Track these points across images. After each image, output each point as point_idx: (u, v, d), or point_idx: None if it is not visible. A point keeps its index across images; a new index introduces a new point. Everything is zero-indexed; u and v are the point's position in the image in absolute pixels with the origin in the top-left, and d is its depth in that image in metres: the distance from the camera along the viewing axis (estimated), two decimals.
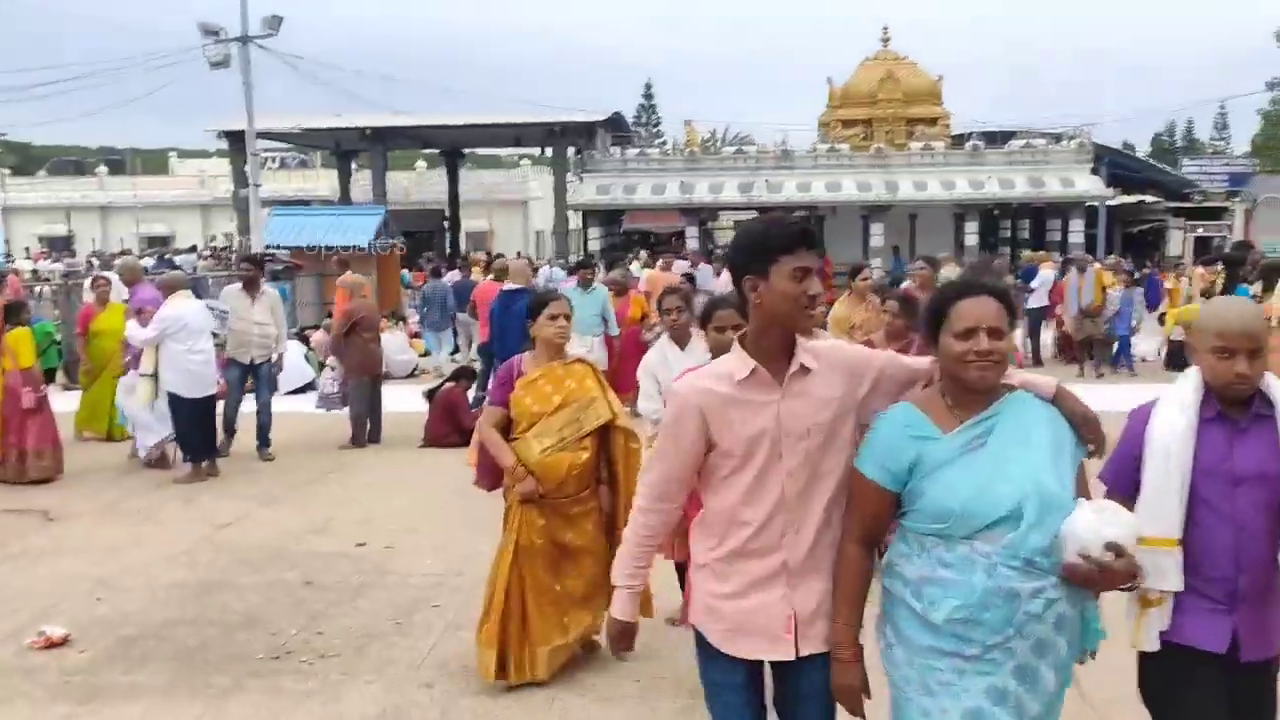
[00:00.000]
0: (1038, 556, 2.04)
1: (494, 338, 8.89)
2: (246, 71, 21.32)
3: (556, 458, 3.86)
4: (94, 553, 6.06)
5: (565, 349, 4.04)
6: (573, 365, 3.99)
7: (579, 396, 3.89)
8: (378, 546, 6.09)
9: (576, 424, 3.86)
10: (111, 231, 47.17)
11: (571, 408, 3.88)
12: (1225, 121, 76.25)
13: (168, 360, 7.75)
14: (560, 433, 3.85)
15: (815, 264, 2.20)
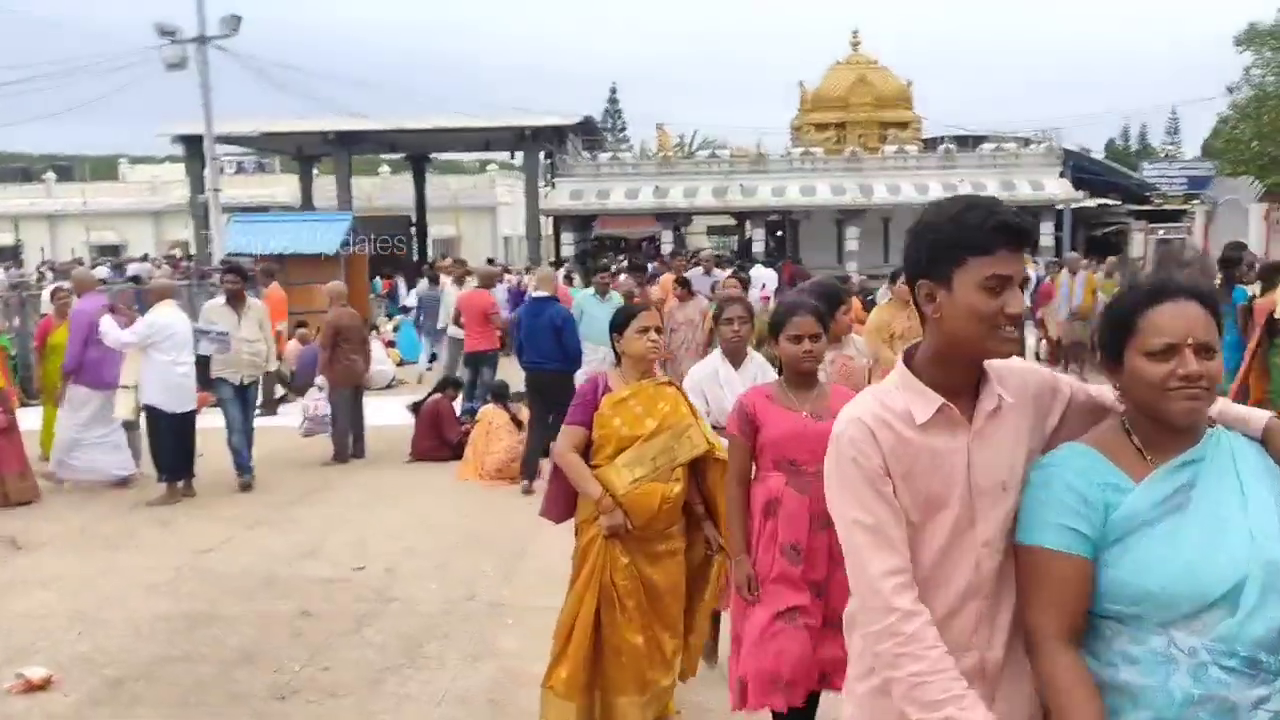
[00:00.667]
0: (1262, 653, 1.54)
1: (520, 346, 8.27)
2: (204, 73, 20.70)
3: (648, 489, 3.39)
4: (68, 584, 5.62)
5: (655, 367, 3.64)
6: (664, 387, 3.54)
7: (674, 422, 3.46)
8: (376, 570, 5.72)
9: (670, 453, 3.42)
10: (60, 240, 45.81)
11: (666, 434, 3.43)
12: (1177, 126, 78.07)
13: (151, 372, 7.28)
14: (654, 461, 3.39)
15: (1018, 271, 1.68)
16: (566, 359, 7.87)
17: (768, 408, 3.11)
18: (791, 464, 3.03)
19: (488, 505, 7.24)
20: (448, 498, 7.53)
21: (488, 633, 4.71)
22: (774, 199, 28.77)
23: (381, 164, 48.42)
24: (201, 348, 7.59)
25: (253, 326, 8.03)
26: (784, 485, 3.03)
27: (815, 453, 2.80)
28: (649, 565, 3.46)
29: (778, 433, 3.05)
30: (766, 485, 3.08)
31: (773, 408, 3.11)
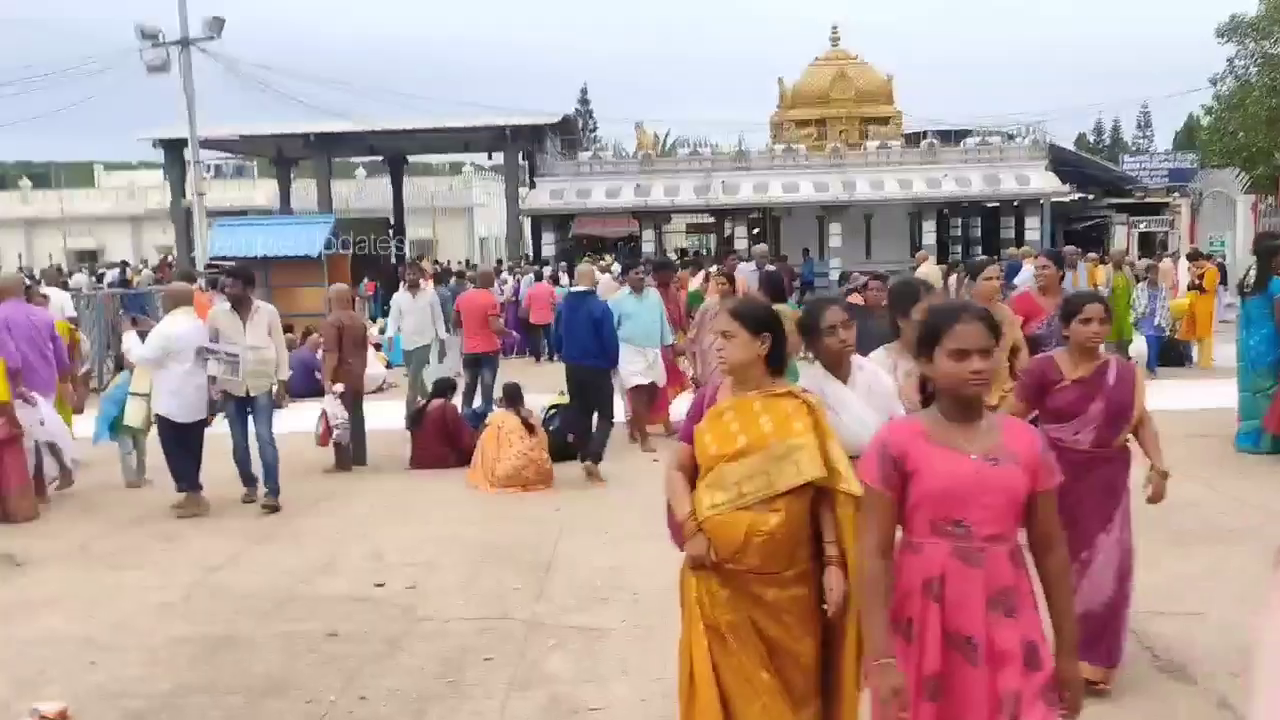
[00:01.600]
0: None
1: (561, 342, 8.56)
2: (188, 76, 20.34)
3: (731, 518, 2.84)
4: (74, 605, 5.35)
5: (734, 371, 3.05)
6: (780, 399, 2.92)
7: (774, 441, 2.85)
8: (398, 587, 5.49)
9: (764, 478, 2.83)
10: (38, 247, 45.03)
11: (759, 455, 2.85)
12: (1149, 120, 78.89)
13: (164, 381, 7.00)
14: (738, 486, 2.85)
15: None
16: (604, 354, 8.01)
17: (923, 449, 2.38)
18: (957, 526, 2.34)
19: (504, 515, 7.02)
20: (461, 508, 7.31)
21: (530, 654, 4.49)
22: (756, 196, 28.73)
23: (357, 167, 47.96)
24: (210, 367, 7.12)
25: (260, 333, 7.38)
26: (948, 556, 2.35)
27: (991, 510, 2.32)
28: (756, 609, 2.90)
29: (939, 484, 2.34)
30: (923, 557, 2.38)
31: (930, 449, 2.38)
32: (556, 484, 7.88)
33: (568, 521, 6.77)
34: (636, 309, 8.98)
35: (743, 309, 3.01)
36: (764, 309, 3.04)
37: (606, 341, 8.02)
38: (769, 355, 2.94)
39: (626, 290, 9.37)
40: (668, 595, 5.22)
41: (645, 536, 6.31)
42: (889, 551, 2.43)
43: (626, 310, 8.92)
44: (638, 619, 4.89)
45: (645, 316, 8.97)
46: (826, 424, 2.93)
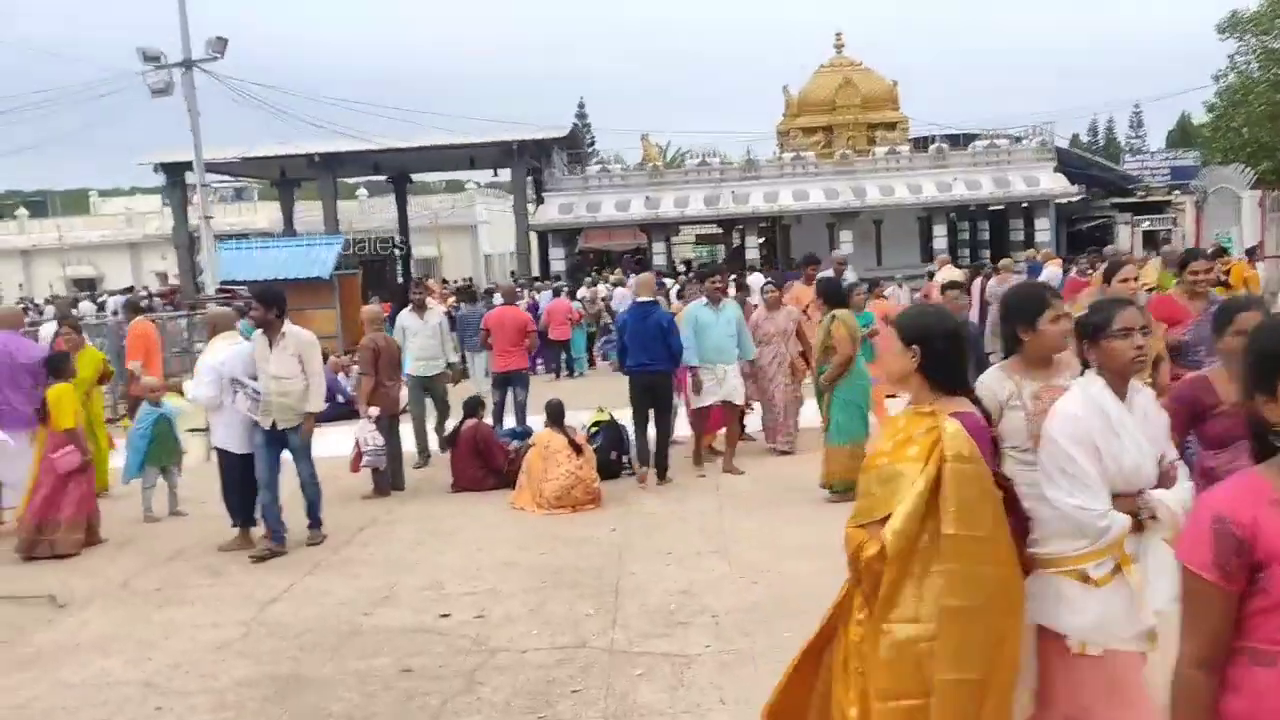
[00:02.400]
0: None
1: (626, 351, 8.49)
2: (191, 97, 20.16)
3: (850, 532, 2.70)
4: (127, 647, 5.11)
5: (892, 381, 2.90)
6: (919, 417, 2.68)
7: (885, 462, 2.66)
8: (464, 617, 5.25)
9: (871, 499, 2.67)
10: (37, 276, 44.87)
11: (871, 474, 2.69)
12: (1141, 120, 79.07)
13: (220, 413, 6.75)
14: (859, 502, 2.73)
15: None
16: (671, 359, 8.25)
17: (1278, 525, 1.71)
18: None
19: (558, 537, 6.79)
20: (511, 530, 7.08)
21: (618, 685, 4.26)
22: (766, 205, 28.58)
23: (359, 188, 47.86)
24: (238, 402, 6.73)
25: (286, 361, 6.74)
26: None
27: None
28: (856, 628, 2.69)
29: None
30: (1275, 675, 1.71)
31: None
32: (605, 503, 7.66)
33: (625, 542, 6.55)
34: (712, 322, 8.31)
35: (899, 318, 2.82)
36: (916, 319, 2.80)
37: (673, 348, 8.15)
38: (928, 367, 2.70)
39: (702, 301, 8.55)
40: (749, 617, 5.04)
41: (710, 555, 6.13)
42: (1217, 664, 1.80)
43: (702, 323, 8.29)
44: (724, 643, 4.66)
45: (720, 330, 8.29)
46: (950, 454, 2.56)
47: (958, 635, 2.51)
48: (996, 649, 2.53)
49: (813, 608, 4.99)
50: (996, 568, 2.54)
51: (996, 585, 2.53)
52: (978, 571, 2.53)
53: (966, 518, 2.53)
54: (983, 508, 2.55)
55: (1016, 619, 2.58)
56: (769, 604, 5.15)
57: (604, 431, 8.78)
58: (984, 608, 2.51)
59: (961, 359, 2.72)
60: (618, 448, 8.75)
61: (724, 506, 7.38)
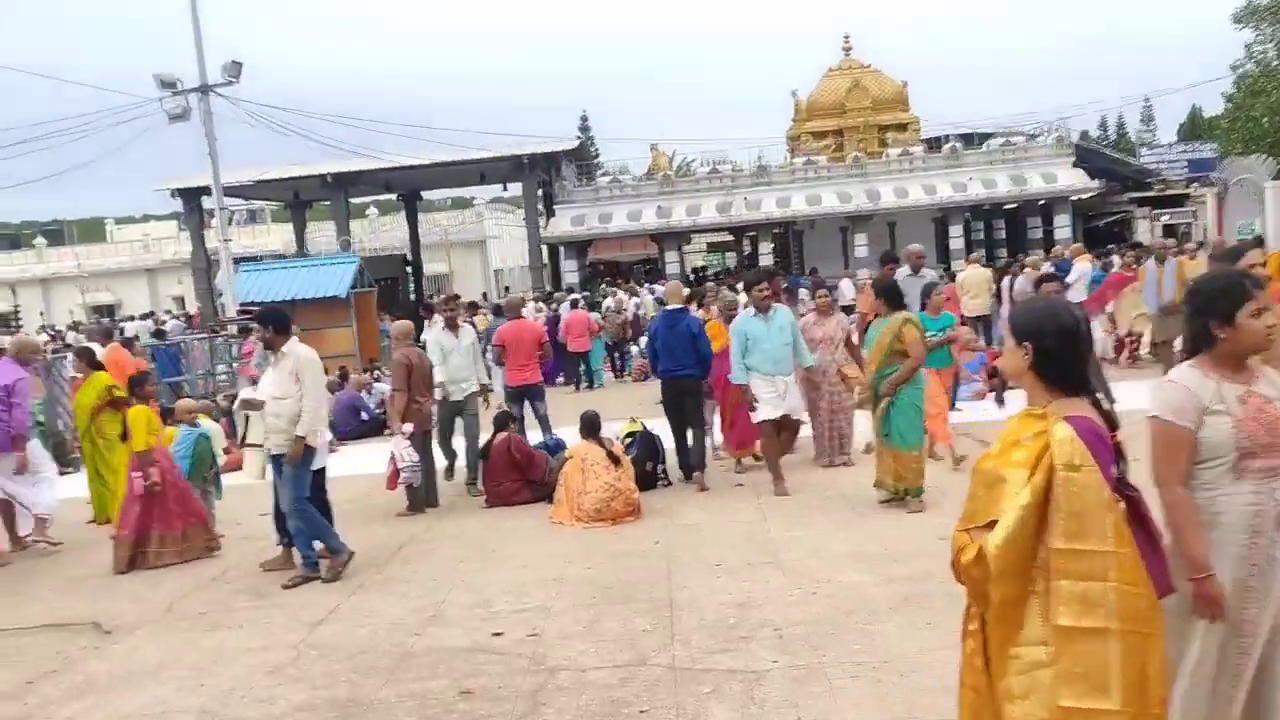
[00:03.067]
0: None
1: (657, 357, 8.66)
2: (209, 122, 20.28)
3: (955, 536, 2.58)
4: (179, 672, 5.04)
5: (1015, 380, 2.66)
6: (1030, 419, 2.52)
7: (992, 466, 2.52)
8: (518, 635, 5.15)
9: (975, 503, 2.53)
10: (56, 303, 45.25)
11: (977, 477, 2.54)
12: (1151, 115, 78.70)
13: None
14: (965, 506, 2.59)
15: None
16: (702, 364, 8.37)
17: None
18: None
19: (602, 551, 6.69)
20: (553, 545, 6.98)
21: (688, 705, 4.15)
22: (779, 210, 28.48)
23: (368, 207, 48.06)
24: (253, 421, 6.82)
25: (283, 380, 6.48)
26: None
27: None
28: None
29: None
30: None
31: None
32: (644, 514, 7.56)
33: (671, 554, 6.44)
34: (763, 333, 7.80)
35: (1014, 314, 2.66)
36: (1027, 313, 2.63)
37: (703, 353, 8.35)
38: (1040, 366, 2.53)
39: (750, 312, 8.01)
40: (814, 630, 4.92)
41: (762, 565, 6.02)
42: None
43: (753, 334, 7.80)
44: (791, 658, 4.55)
45: (774, 340, 7.81)
46: (1060, 462, 2.41)
47: (1076, 658, 2.34)
48: (1139, 676, 2.34)
49: (880, 620, 4.92)
50: (1120, 586, 2.35)
51: (1122, 605, 2.35)
52: (1094, 589, 2.36)
53: (1077, 530, 2.38)
54: (1098, 519, 2.38)
55: (1155, 642, 2.39)
56: (832, 616, 5.03)
57: (638, 442, 8.68)
58: (1108, 630, 2.34)
59: (1078, 358, 2.54)
60: (653, 458, 8.65)
61: (767, 516, 7.26)
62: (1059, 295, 6.90)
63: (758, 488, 8.10)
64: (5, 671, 5.28)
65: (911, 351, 7.03)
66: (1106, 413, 2.57)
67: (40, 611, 6.33)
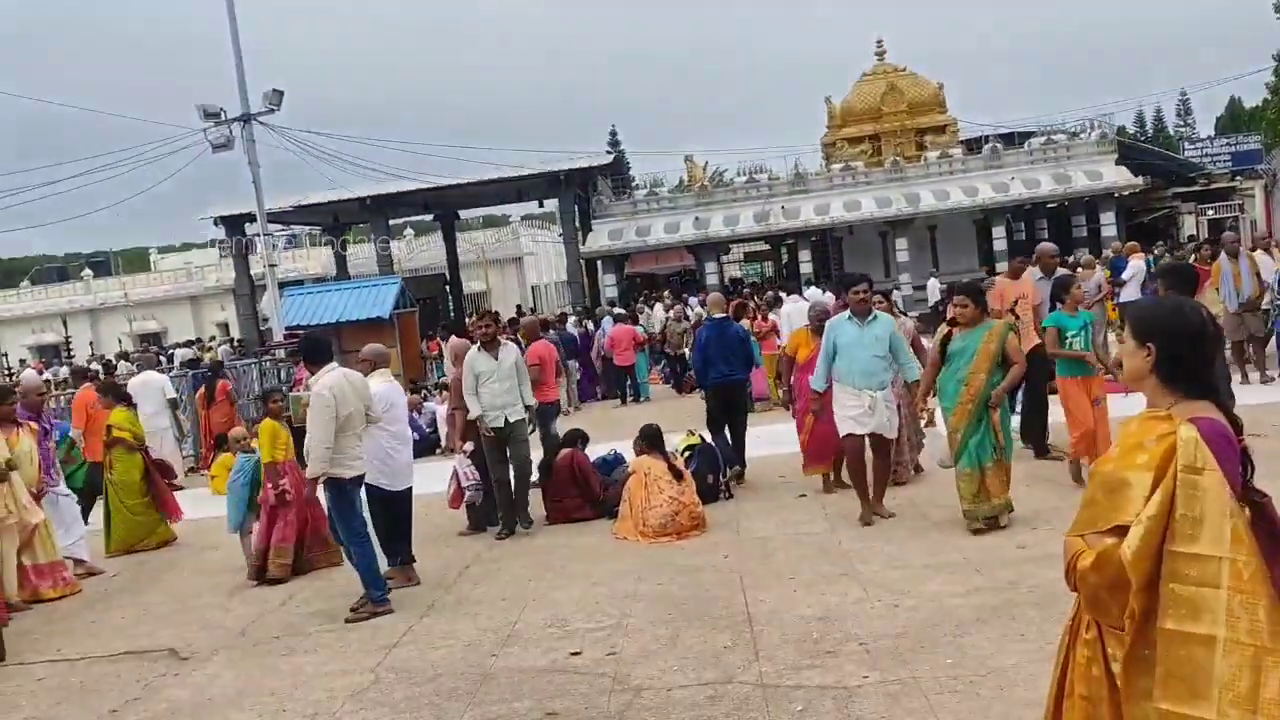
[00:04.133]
0: None
1: (704, 364, 9.26)
2: (251, 150, 20.52)
3: (1069, 541, 2.49)
4: (259, 700, 5.03)
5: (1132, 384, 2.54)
6: (1152, 421, 2.41)
7: (1113, 469, 2.41)
8: (598, 654, 5.09)
9: (1094, 508, 2.43)
10: (104, 332, 46.16)
11: (1095, 481, 2.44)
12: (1189, 108, 77.44)
13: (371, 449, 6.67)
14: (1081, 511, 2.48)
15: None
16: (748, 368, 9.29)
17: None
18: None
19: (671, 566, 6.60)
20: (622, 561, 6.91)
21: None
22: (818, 218, 28.31)
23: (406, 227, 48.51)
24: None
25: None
26: None
27: None
28: (1114, 661, 2.42)
29: None
30: None
31: None
32: (709, 527, 7.47)
33: (743, 568, 6.35)
34: (856, 339, 7.09)
35: (1135, 314, 2.54)
36: (1148, 313, 2.52)
37: (750, 357, 9.24)
38: (1163, 368, 2.42)
39: (845, 315, 7.33)
40: (901, 644, 4.80)
41: (838, 578, 5.91)
42: None
43: (843, 340, 7.15)
44: (883, 673, 4.43)
45: (867, 350, 7.06)
46: (1184, 464, 2.30)
47: (1178, 662, 2.23)
48: (1250, 690, 2.20)
49: (969, 632, 4.80)
50: (1235, 593, 2.23)
51: (1233, 613, 2.23)
52: (1205, 595, 2.24)
53: (1192, 533, 2.27)
54: (1216, 524, 2.26)
55: (1272, 658, 2.23)
56: (919, 629, 4.91)
57: (698, 454, 8.60)
58: (1215, 638, 2.22)
59: (1206, 361, 2.42)
60: (714, 470, 8.57)
61: (835, 527, 7.15)
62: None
63: (822, 499, 7.98)
64: (90, 700, 5.31)
65: (1016, 358, 6.56)
66: (1232, 416, 2.45)
67: (118, 640, 6.38)
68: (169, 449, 12.75)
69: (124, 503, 9.17)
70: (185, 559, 8.63)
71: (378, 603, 6.27)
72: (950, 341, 6.64)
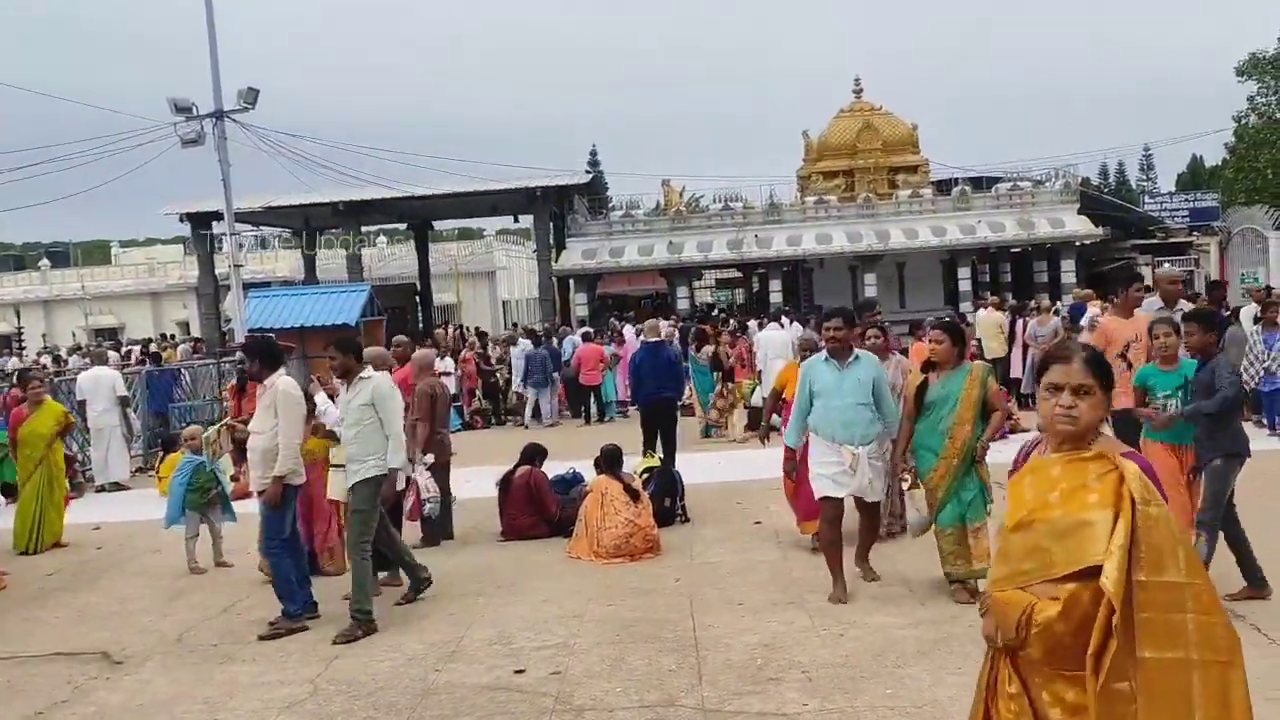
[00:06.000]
0: None
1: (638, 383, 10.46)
2: (222, 147, 20.35)
3: (1009, 598, 2.47)
4: (190, 708, 4.91)
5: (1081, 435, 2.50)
6: (1083, 462, 2.48)
7: (1060, 513, 2.44)
8: (541, 673, 5.04)
9: (1044, 556, 2.43)
10: (58, 325, 45.27)
11: (1040, 529, 2.45)
12: (1151, 163, 79.45)
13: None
14: (1020, 562, 2.48)
15: None
16: (678, 389, 10.41)
17: None
18: None
19: (622, 588, 6.58)
20: (573, 581, 6.87)
21: None
22: (790, 248, 28.56)
23: (378, 235, 48.26)
24: None
25: (262, 414, 6.17)
26: None
27: None
28: (1052, 709, 2.43)
29: None
30: None
31: None
32: (663, 551, 7.46)
33: (693, 592, 6.34)
34: (834, 384, 6.03)
35: (1097, 359, 2.56)
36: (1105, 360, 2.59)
37: (679, 378, 10.46)
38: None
39: (821, 356, 6.23)
40: (843, 673, 4.81)
41: (786, 606, 5.92)
42: None
43: (821, 385, 6.07)
44: (821, 701, 4.44)
45: (848, 397, 5.99)
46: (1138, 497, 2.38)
47: (1159, 689, 2.29)
48: (1221, 707, 2.29)
49: (909, 664, 4.82)
50: (1198, 615, 2.32)
51: (1201, 634, 2.32)
52: (1175, 620, 2.32)
53: (1156, 562, 2.34)
54: (1171, 552, 2.35)
55: (1237, 673, 2.34)
56: (862, 659, 4.93)
57: (656, 477, 8.59)
58: (1189, 660, 2.30)
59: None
60: (670, 493, 8.56)
61: (788, 555, 7.17)
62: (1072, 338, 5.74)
63: (776, 527, 8.00)
64: (16, 700, 5.17)
65: (997, 404, 5.86)
66: None
67: (50, 640, 6.21)
68: (116, 447, 12.52)
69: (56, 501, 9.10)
70: (127, 561, 8.44)
71: (292, 619, 6.10)
72: (927, 389, 5.85)
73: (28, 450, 9.15)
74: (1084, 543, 2.37)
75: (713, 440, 13.53)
